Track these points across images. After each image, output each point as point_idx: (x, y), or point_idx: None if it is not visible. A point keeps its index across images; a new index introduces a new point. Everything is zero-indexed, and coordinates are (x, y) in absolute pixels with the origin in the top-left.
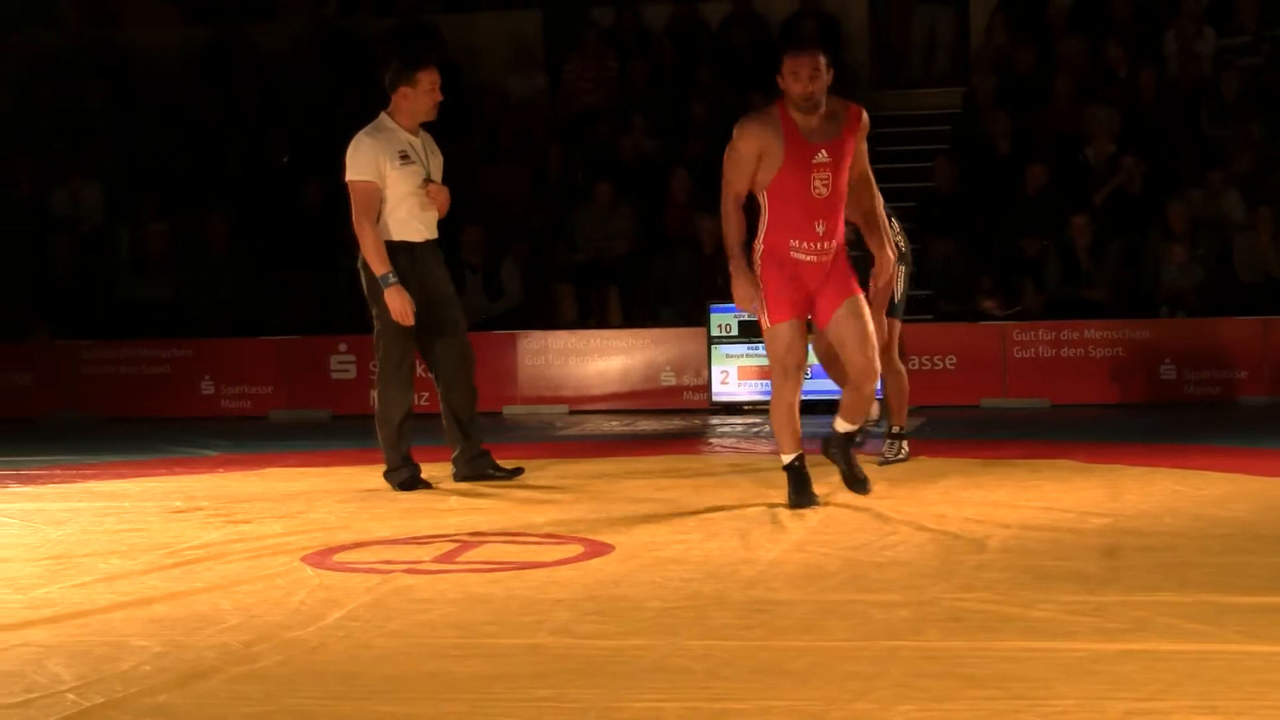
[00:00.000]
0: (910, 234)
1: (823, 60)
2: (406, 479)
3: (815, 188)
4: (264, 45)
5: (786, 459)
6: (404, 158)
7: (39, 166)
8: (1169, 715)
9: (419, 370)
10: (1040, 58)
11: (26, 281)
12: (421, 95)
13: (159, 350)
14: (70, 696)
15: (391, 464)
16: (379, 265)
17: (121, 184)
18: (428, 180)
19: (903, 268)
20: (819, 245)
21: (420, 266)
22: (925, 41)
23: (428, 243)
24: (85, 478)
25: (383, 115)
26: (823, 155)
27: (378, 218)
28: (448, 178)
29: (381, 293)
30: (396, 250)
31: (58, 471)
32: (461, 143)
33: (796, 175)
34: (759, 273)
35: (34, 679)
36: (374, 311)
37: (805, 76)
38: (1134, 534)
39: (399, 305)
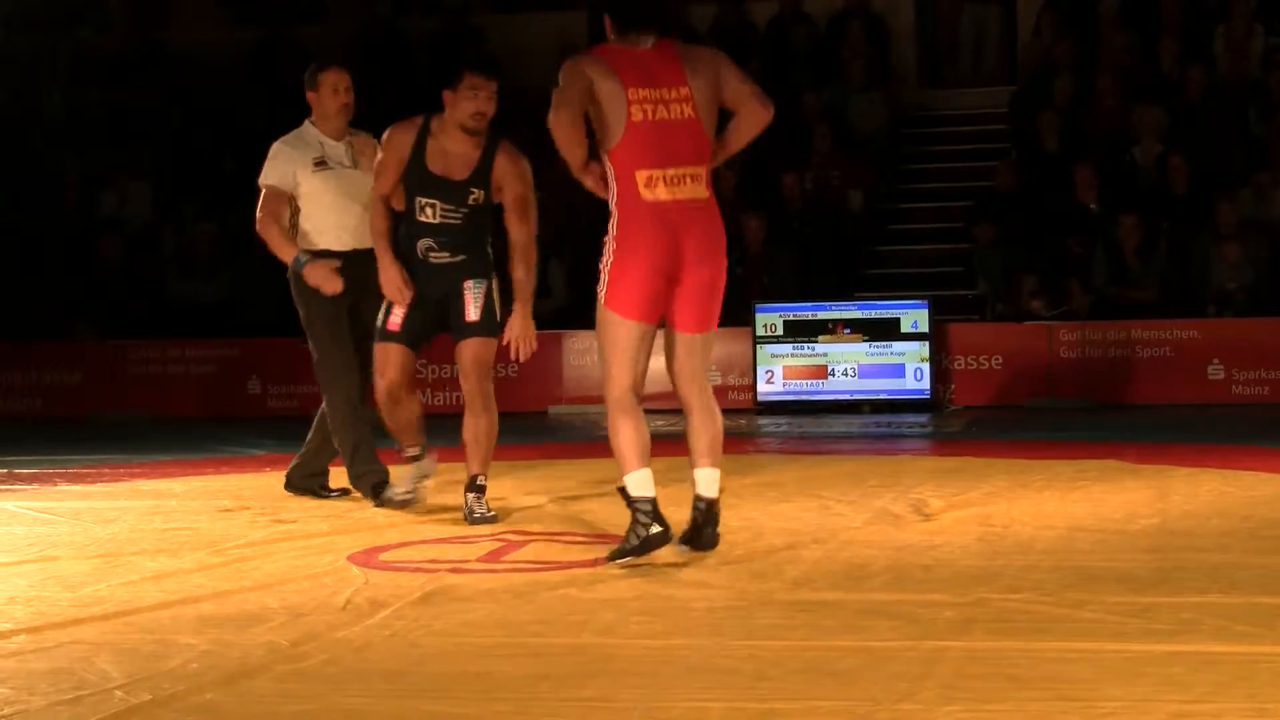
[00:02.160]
0: (960, 234)
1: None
2: (377, 484)
3: None
4: (312, 46)
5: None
6: (319, 164)
7: (88, 167)
8: (1218, 717)
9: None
10: (1088, 57)
11: (75, 282)
12: (325, 98)
13: (206, 350)
14: (118, 694)
15: (351, 470)
16: (287, 252)
17: (170, 185)
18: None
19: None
20: None
21: (345, 274)
22: (972, 41)
23: (355, 252)
24: (133, 476)
25: (306, 123)
26: None
27: (295, 224)
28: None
29: (308, 296)
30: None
31: (106, 470)
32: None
33: None
34: None
35: (83, 676)
36: (301, 314)
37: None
38: (1182, 535)
39: (320, 276)
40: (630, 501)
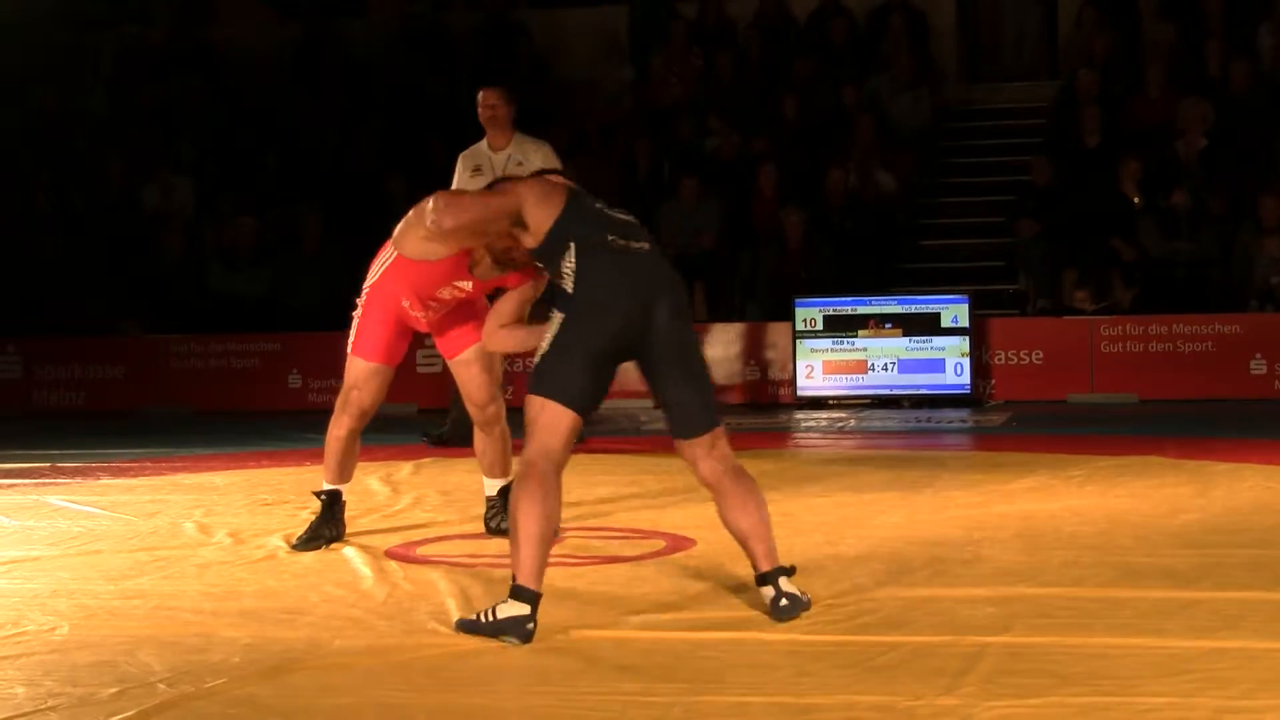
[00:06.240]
0: (1001, 228)
1: None
2: None
3: None
4: (355, 41)
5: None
6: (476, 169)
7: (131, 163)
8: (1261, 714)
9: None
10: (1130, 50)
11: (118, 276)
12: (480, 111)
13: (248, 344)
14: (161, 686)
15: None
16: None
17: (212, 180)
18: None
19: None
20: None
21: None
22: (1014, 34)
23: None
24: (175, 470)
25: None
26: None
27: None
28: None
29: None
30: None
31: (148, 464)
32: (549, 137)
33: None
34: None
35: (126, 669)
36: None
37: None
38: (1224, 531)
39: None
40: None
